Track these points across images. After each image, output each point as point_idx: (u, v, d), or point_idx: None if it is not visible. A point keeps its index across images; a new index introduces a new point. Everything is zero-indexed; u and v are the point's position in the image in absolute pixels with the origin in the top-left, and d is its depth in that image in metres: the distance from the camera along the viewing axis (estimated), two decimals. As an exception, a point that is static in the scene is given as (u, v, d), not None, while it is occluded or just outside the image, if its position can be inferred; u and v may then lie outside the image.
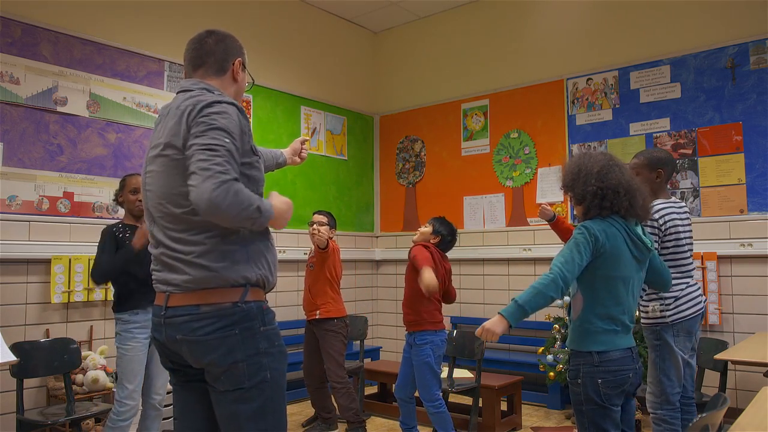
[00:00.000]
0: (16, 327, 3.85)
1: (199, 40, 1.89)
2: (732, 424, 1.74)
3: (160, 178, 1.74)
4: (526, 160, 5.54)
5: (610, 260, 2.18)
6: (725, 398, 1.79)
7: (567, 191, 2.35)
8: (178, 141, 1.69)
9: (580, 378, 2.20)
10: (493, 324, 2.13)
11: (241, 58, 1.94)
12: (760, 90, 4.38)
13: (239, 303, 1.70)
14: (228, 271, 1.69)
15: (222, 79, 1.88)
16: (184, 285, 1.69)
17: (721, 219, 4.45)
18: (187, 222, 1.69)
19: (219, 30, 1.93)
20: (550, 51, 5.44)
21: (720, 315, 4.38)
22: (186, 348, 1.69)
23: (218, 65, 1.88)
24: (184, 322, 1.68)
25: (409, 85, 6.48)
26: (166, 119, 1.78)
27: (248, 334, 1.70)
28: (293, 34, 5.86)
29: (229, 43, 1.92)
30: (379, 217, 6.62)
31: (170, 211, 1.71)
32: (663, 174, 2.90)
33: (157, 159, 1.75)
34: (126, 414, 3.08)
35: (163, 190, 1.73)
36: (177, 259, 1.70)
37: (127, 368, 3.13)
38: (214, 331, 1.67)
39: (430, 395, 3.43)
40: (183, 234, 1.70)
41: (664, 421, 2.75)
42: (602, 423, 2.17)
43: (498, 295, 5.59)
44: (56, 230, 4.06)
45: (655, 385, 2.79)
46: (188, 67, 1.90)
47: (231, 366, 1.67)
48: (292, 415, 4.77)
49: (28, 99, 4.01)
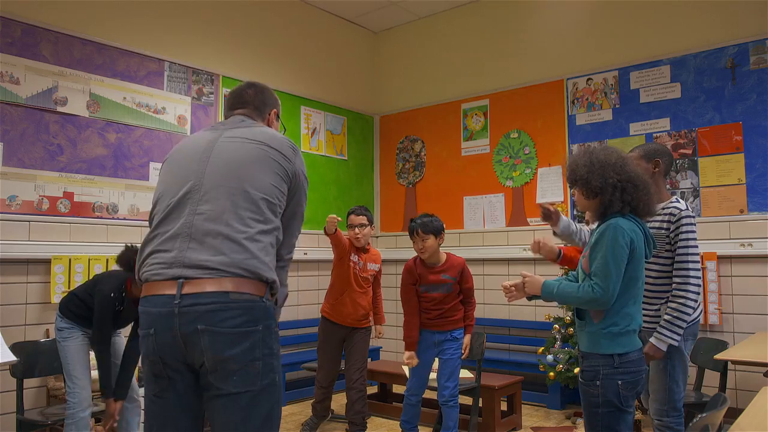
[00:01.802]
0: (16, 327, 3.85)
1: (239, 92, 2.06)
2: (732, 424, 1.73)
3: (245, 160, 1.78)
4: (526, 160, 5.54)
5: (635, 261, 2.13)
6: (725, 398, 1.79)
7: (580, 185, 2.22)
8: (280, 157, 1.84)
9: (598, 380, 2.13)
10: (532, 287, 2.24)
11: (277, 109, 2.11)
12: (760, 90, 4.38)
13: (264, 299, 1.67)
14: (265, 265, 1.68)
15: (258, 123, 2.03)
16: (217, 267, 1.60)
17: (721, 219, 4.45)
18: (255, 205, 1.72)
19: (258, 83, 2.11)
20: (550, 51, 5.44)
21: (720, 315, 4.37)
22: (207, 339, 1.58)
23: (257, 112, 2.04)
24: (210, 311, 1.57)
25: (409, 85, 6.48)
26: (242, 126, 1.91)
27: (267, 332, 1.66)
28: (293, 34, 5.86)
29: (267, 95, 2.09)
30: (379, 217, 6.62)
31: (245, 190, 1.73)
32: (660, 164, 2.78)
33: (248, 145, 1.82)
34: (81, 404, 3.08)
35: (244, 171, 1.76)
36: (224, 235, 1.64)
37: (74, 358, 3.14)
38: (242, 324, 1.60)
39: (457, 390, 3.53)
40: (246, 212, 1.69)
41: (671, 429, 2.68)
42: (617, 426, 2.11)
43: (498, 295, 5.58)
44: (56, 230, 4.06)
45: (661, 392, 2.69)
46: (228, 111, 2.08)
47: (249, 363, 1.61)
48: (293, 414, 4.77)
49: (28, 99, 4.01)
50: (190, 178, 1.76)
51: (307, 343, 5.60)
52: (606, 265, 2.09)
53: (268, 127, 2.02)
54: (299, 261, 5.59)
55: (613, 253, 2.08)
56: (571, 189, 2.32)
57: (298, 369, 5.13)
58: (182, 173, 1.79)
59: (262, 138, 1.85)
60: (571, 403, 4.82)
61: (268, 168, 1.78)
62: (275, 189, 1.77)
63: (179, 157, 1.87)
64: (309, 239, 5.76)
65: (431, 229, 3.43)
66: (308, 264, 5.77)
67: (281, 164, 1.82)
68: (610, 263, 2.08)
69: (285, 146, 1.86)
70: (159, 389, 1.69)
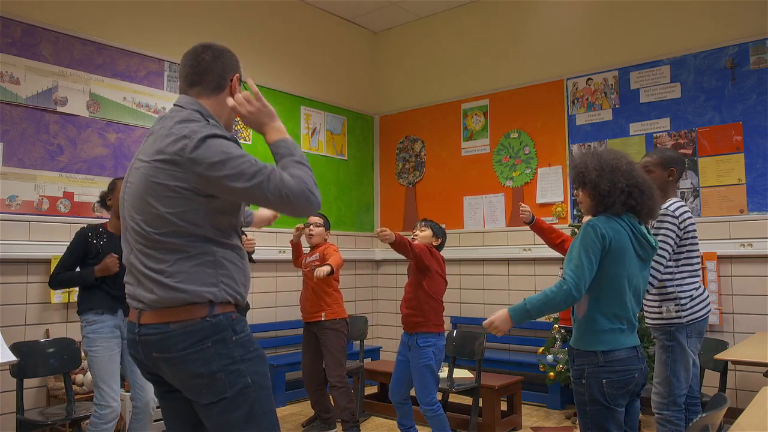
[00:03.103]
0: (16, 327, 3.85)
1: (195, 56, 1.81)
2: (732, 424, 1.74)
3: (137, 193, 1.70)
4: (526, 160, 5.54)
5: (616, 258, 2.16)
6: (725, 398, 1.79)
7: (588, 187, 2.25)
8: (169, 176, 1.66)
9: (584, 378, 2.18)
10: (501, 321, 2.18)
11: (239, 73, 1.87)
12: (760, 90, 4.38)
13: (207, 317, 1.70)
14: (194, 292, 1.68)
15: (218, 98, 1.82)
16: (152, 304, 1.70)
17: (721, 219, 4.45)
18: (158, 242, 1.69)
19: (215, 44, 1.85)
20: (550, 51, 5.44)
21: (720, 315, 4.37)
22: (164, 365, 1.70)
23: (215, 83, 1.81)
24: (157, 341, 1.69)
25: (409, 85, 6.48)
26: (154, 137, 1.74)
27: (221, 345, 1.70)
28: (293, 34, 5.86)
29: (227, 58, 1.84)
30: (379, 217, 6.62)
31: (143, 230, 1.70)
32: (675, 173, 2.88)
33: (142, 171, 1.70)
34: (108, 416, 3.03)
35: (139, 206, 1.70)
36: (147, 276, 1.70)
37: (101, 370, 3.07)
38: (188, 347, 1.67)
39: (429, 399, 3.40)
40: (153, 251, 1.70)
41: (670, 422, 2.72)
42: (605, 424, 2.14)
43: (498, 295, 5.59)
44: (56, 230, 4.06)
45: (663, 386, 2.75)
46: (183, 82, 1.83)
47: (210, 378, 1.68)
48: (293, 415, 4.77)
49: (28, 99, 4.01)
50: (123, 205, 1.80)
51: (307, 343, 5.60)
52: (578, 258, 2.14)
53: (231, 95, 1.81)
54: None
55: (584, 245, 2.15)
56: (576, 190, 2.34)
57: (297, 369, 5.13)
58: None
59: (156, 152, 1.68)
60: (571, 403, 4.81)
61: (159, 195, 1.66)
62: (175, 214, 1.66)
63: None
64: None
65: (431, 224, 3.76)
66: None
67: (172, 185, 1.65)
68: (581, 255, 2.14)
69: (176, 151, 1.64)
70: (159, 390, 1.87)
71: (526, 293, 5.40)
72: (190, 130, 1.65)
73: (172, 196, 1.65)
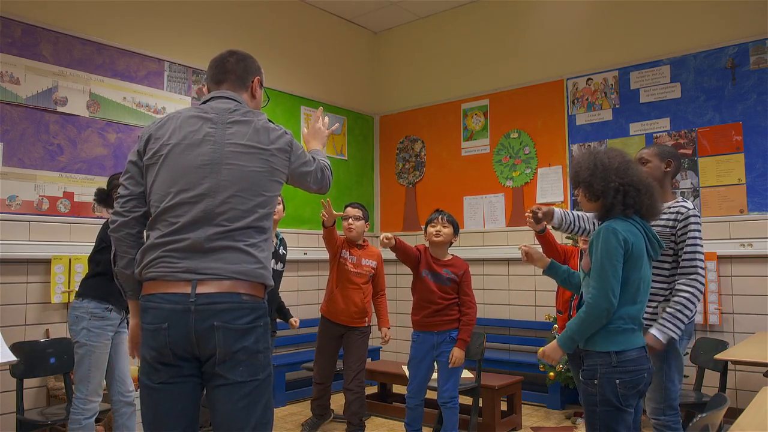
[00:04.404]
0: (16, 327, 3.85)
1: (221, 59, 2.05)
2: (732, 424, 1.73)
3: (247, 176, 1.85)
4: (526, 160, 5.54)
5: (635, 262, 2.14)
6: (725, 398, 1.79)
7: (582, 187, 2.26)
8: (282, 163, 1.94)
9: (596, 378, 2.14)
10: (551, 350, 2.26)
11: (260, 77, 2.09)
12: (760, 90, 4.38)
13: (263, 299, 1.85)
14: (268, 272, 1.87)
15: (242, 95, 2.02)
16: (231, 275, 1.76)
17: (721, 219, 4.45)
18: (261, 220, 1.85)
19: (240, 50, 2.08)
20: (550, 51, 5.44)
21: (720, 315, 4.38)
22: (221, 335, 1.73)
23: (239, 82, 2.02)
24: (225, 309, 1.74)
25: (409, 85, 6.48)
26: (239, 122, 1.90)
27: (264, 329, 1.84)
28: (293, 34, 5.86)
29: (249, 62, 2.07)
30: (379, 217, 6.62)
31: (256, 208, 1.84)
32: (672, 165, 2.84)
33: (253, 157, 1.86)
34: (92, 411, 3.02)
35: (258, 189, 1.86)
36: (235, 247, 1.79)
37: (96, 363, 3.04)
38: (252, 321, 1.78)
39: (456, 392, 3.53)
40: (249, 230, 1.82)
41: (668, 427, 2.69)
42: (615, 425, 2.12)
43: (498, 295, 5.59)
44: (56, 230, 4.06)
45: (658, 391, 2.69)
46: (210, 82, 2.05)
47: (253, 355, 1.77)
48: (292, 414, 4.77)
49: (28, 99, 4.01)
50: (201, 183, 1.81)
51: (307, 343, 5.60)
52: (602, 268, 2.12)
53: (252, 96, 2.05)
54: (299, 261, 5.59)
55: (608, 254, 2.12)
56: (575, 190, 2.34)
57: (297, 369, 5.13)
58: (189, 178, 1.81)
59: (265, 143, 1.89)
60: (571, 403, 4.82)
61: (272, 178, 1.90)
62: (274, 197, 1.92)
63: (178, 152, 1.84)
64: (309, 239, 5.76)
65: (454, 222, 3.69)
66: (308, 264, 5.77)
67: (283, 171, 1.94)
68: (605, 266, 2.11)
69: (284, 146, 1.93)
70: (167, 376, 1.78)
71: (526, 293, 5.43)
72: (281, 126, 1.98)
73: (279, 182, 1.93)
